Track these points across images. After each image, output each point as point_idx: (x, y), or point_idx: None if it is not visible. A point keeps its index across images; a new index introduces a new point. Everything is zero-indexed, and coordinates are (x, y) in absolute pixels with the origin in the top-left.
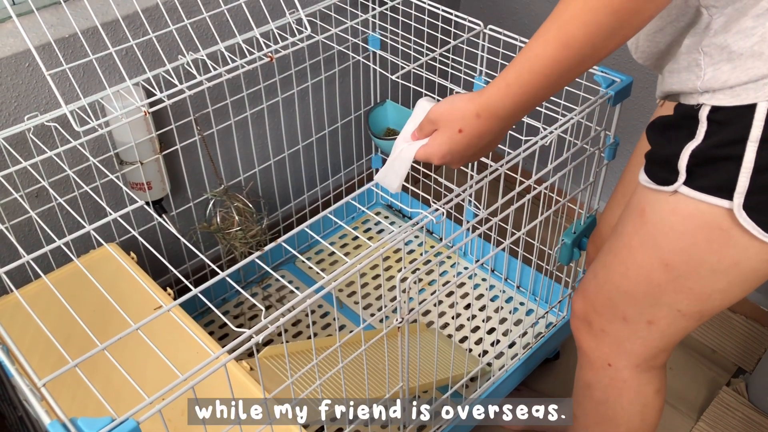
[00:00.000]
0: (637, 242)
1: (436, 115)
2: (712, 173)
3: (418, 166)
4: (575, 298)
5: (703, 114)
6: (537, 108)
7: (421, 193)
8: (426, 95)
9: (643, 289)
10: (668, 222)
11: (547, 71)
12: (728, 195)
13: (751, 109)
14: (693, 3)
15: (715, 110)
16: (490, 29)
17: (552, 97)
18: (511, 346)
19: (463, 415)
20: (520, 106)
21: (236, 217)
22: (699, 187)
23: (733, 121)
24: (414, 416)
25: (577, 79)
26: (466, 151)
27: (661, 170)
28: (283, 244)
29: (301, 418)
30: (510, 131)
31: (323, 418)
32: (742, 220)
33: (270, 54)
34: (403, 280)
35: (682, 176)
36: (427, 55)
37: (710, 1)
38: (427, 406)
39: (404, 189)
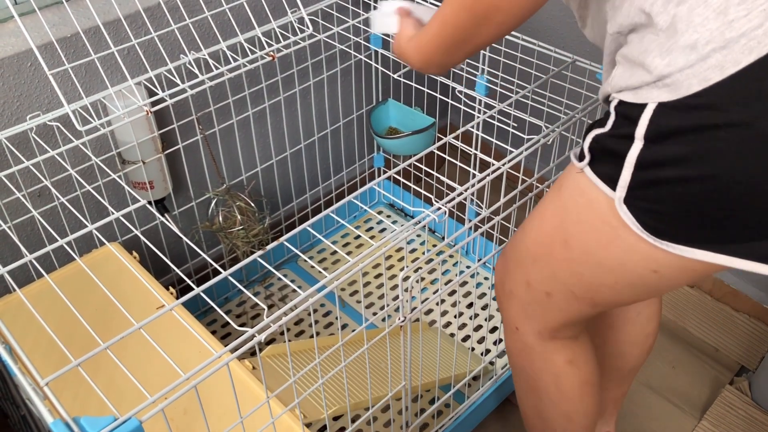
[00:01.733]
0: (550, 213)
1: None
2: (606, 161)
3: (421, 165)
4: (498, 259)
5: (612, 105)
6: (539, 106)
7: (423, 192)
8: (428, 94)
9: (545, 259)
10: (575, 203)
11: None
12: (614, 186)
13: (641, 108)
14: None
15: (620, 104)
16: None
17: (554, 96)
18: None
19: (466, 414)
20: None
21: (238, 217)
22: (596, 172)
23: (628, 117)
24: (416, 415)
25: (579, 78)
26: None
27: (580, 148)
28: (285, 243)
29: (304, 416)
30: (512, 130)
31: (325, 416)
32: (622, 213)
33: (272, 53)
34: (406, 279)
35: (587, 157)
36: None
37: (615, 27)
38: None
39: (406, 188)
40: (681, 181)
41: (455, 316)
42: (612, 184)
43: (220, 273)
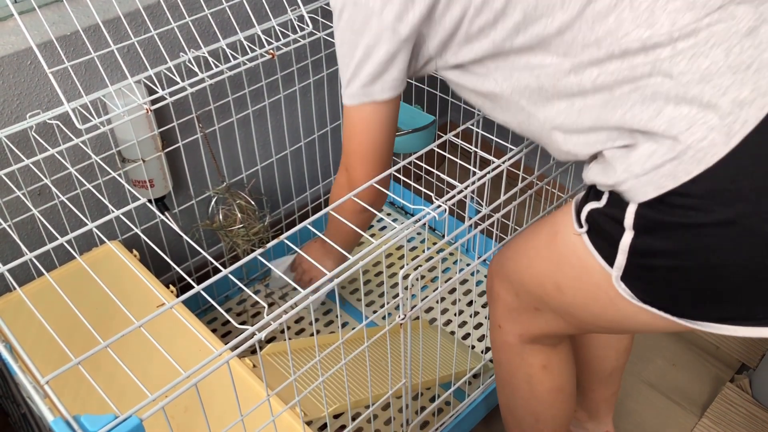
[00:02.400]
0: (545, 256)
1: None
2: (603, 237)
3: (421, 163)
4: (493, 257)
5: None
6: None
7: (423, 190)
8: (428, 92)
9: (536, 290)
10: (570, 262)
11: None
12: (611, 263)
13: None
14: None
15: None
16: None
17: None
18: None
19: (466, 412)
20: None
21: (239, 215)
22: (594, 244)
23: (618, 203)
24: (417, 413)
25: None
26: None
27: (578, 211)
28: (286, 241)
29: (304, 414)
30: None
31: (326, 414)
32: (620, 289)
33: (272, 51)
34: (406, 276)
35: (585, 227)
36: None
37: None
38: (430, 403)
39: (406, 186)
40: (675, 269)
41: (455, 314)
42: (608, 260)
43: (220, 271)
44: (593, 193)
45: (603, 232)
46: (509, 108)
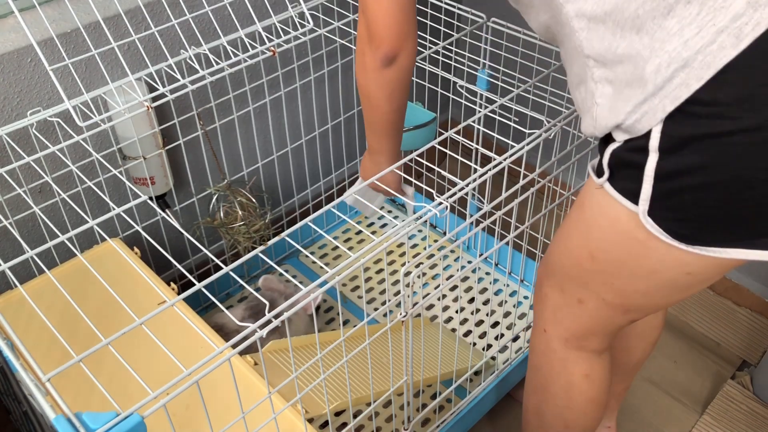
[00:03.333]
0: (575, 229)
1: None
2: (626, 176)
3: (422, 160)
4: (540, 262)
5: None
6: (540, 101)
7: (424, 187)
8: (429, 89)
9: (575, 271)
10: (598, 221)
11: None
12: (636, 200)
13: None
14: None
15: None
16: (493, 22)
17: (555, 90)
18: (515, 339)
19: (467, 409)
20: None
21: (239, 212)
22: (617, 188)
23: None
24: (418, 410)
25: None
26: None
27: (598, 164)
28: (287, 239)
29: (306, 412)
30: (514, 124)
31: (327, 412)
32: (648, 226)
33: (272, 48)
34: (407, 274)
35: (606, 173)
36: (430, 48)
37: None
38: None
39: (407, 183)
40: (703, 187)
41: (457, 312)
42: (634, 198)
43: (221, 268)
44: (611, 139)
45: (626, 167)
46: None
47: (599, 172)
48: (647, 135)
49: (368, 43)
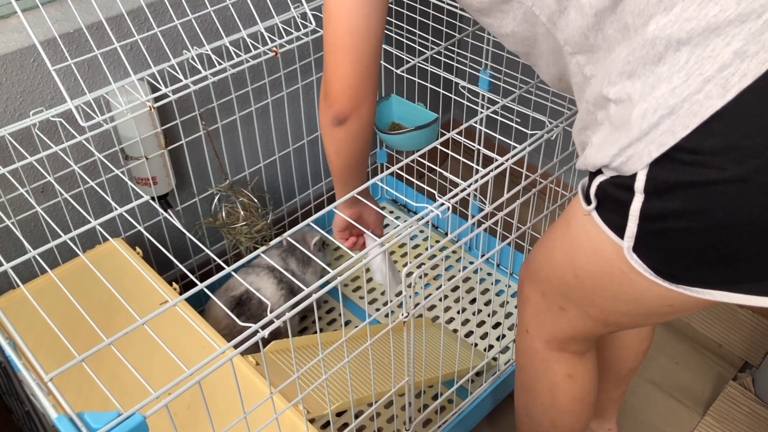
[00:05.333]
0: (560, 245)
1: (346, 223)
2: (612, 210)
3: (424, 161)
4: (523, 262)
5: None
6: (542, 102)
7: (426, 188)
8: (431, 89)
9: (557, 283)
10: (583, 244)
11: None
12: (622, 235)
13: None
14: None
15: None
16: None
17: (557, 91)
18: None
19: (469, 410)
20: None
21: (241, 212)
22: (603, 219)
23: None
24: (419, 411)
25: None
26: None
27: (586, 190)
28: (289, 239)
29: (307, 412)
30: (516, 125)
31: (329, 412)
32: (632, 261)
33: (275, 48)
34: (409, 274)
35: (594, 202)
36: (432, 48)
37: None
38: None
39: (409, 184)
40: (688, 232)
41: (458, 312)
42: (619, 232)
43: (223, 269)
44: (600, 168)
45: (613, 202)
46: (526, 20)
47: (587, 199)
48: (633, 176)
49: (323, 99)
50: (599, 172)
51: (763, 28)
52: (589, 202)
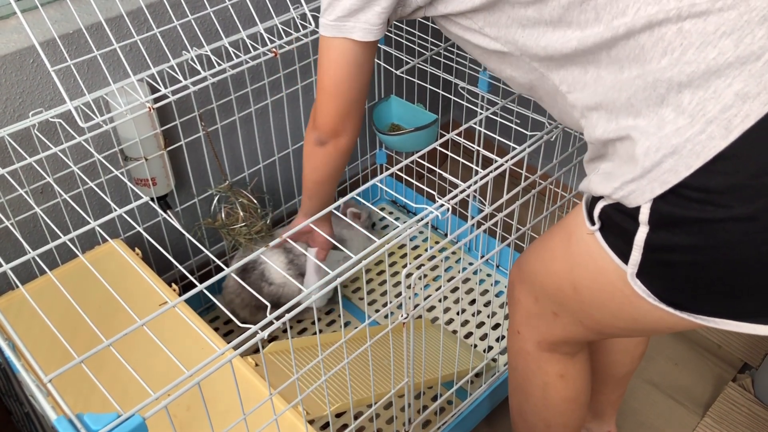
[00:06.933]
0: (560, 257)
1: (296, 235)
2: (617, 234)
3: (423, 162)
4: (514, 264)
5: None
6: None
7: (425, 189)
8: (431, 90)
9: (553, 291)
10: (585, 261)
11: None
12: (626, 260)
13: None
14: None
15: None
16: None
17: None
18: None
19: (468, 411)
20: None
21: (241, 213)
22: (608, 242)
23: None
24: (419, 412)
25: None
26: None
27: (589, 209)
28: (289, 240)
29: (307, 413)
30: (515, 126)
31: (328, 413)
32: (635, 286)
33: (274, 49)
34: (408, 276)
35: (597, 224)
36: (432, 49)
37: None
38: (432, 402)
39: (408, 185)
40: (694, 265)
41: (458, 313)
42: (623, 257)
43: (222, 269)
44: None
45: (616, 228)
46: (520, 66)
47: (590, 219)
48: (636, 208)
49: (312, 121)
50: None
51: (763, 70)
52: (593, 222)
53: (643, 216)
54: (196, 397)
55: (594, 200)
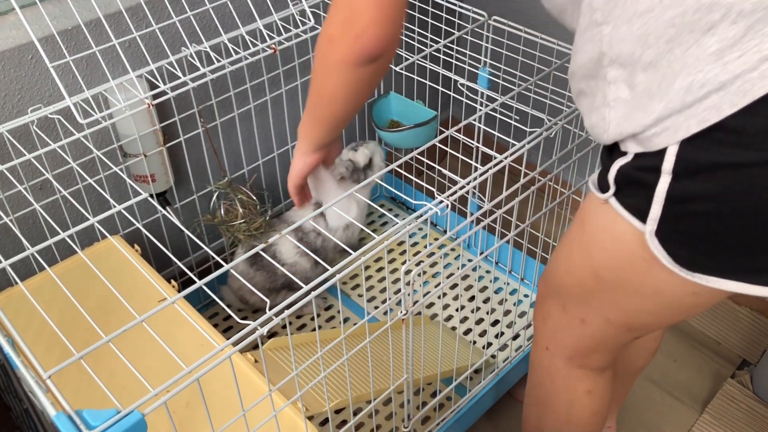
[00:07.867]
0: (576, 247)
1: (304, 180)
2: (634, 193)
3: (422, 158)
4: (540, 278)
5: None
6: (541, 99)
7: (425, 185)
8: (430, 87)
9: (578, 290)
10: (601, 237)
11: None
12: (644, 219)
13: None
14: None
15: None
16: (494, 20)
17: (556, 88)
18: (515, 338)
19: (467, 407)
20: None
21: (240, 210)
22: (623, 204)
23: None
24: (418, 408)
25: None
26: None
27: (602, 177)
28: (287, 236)
29: (306, 409)
30: (515, 123)
31: (327, 409)
32: (653, 246)
33: (273, 46)
34: (408, 272)
35: (612, 188)
36: (431, 46)
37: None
38: (431, 398)
39: (408, 181)
40: (715, 215)
41: (457, 310)
42: (641, 216)
43: (221, 266)
44: (617, 151)
45: (635, 185)
46: None
47: (603, 187)
48: (661, 155)
49: (342, 31)
50: (615, 152)
51: None
52: (604, 190)
53: (667, 164)
54: (196, 394)
55: (607, 165)
